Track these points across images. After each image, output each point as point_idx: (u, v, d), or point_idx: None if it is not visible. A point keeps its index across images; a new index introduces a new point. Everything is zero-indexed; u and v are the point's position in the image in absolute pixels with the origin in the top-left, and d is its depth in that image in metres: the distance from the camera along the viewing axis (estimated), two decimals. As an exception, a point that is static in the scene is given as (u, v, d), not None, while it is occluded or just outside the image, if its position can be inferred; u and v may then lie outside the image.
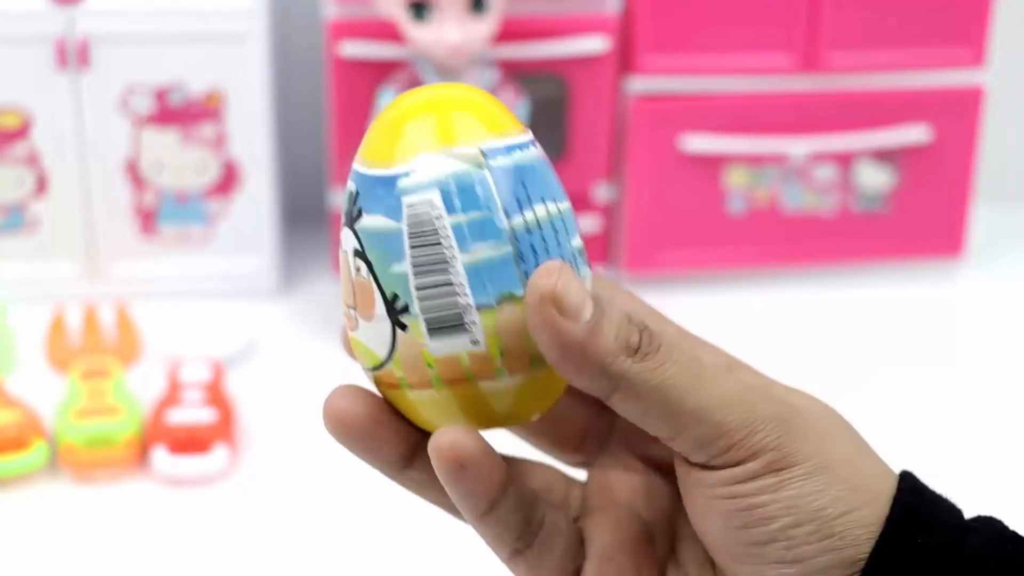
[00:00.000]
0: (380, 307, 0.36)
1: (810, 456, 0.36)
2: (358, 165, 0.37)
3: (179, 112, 1.00)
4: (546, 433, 0.43)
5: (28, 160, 1.01)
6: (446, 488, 0.37)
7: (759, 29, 1.02)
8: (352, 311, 0.37)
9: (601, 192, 1.06)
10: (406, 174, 0.36)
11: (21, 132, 1.00)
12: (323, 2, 1.00)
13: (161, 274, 1.05)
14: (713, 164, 1.05)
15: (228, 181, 1.03)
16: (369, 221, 0.36)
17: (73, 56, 0.98)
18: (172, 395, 0.86)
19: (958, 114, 1.06)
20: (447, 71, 0.94)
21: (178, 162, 1.02)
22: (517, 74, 0.98)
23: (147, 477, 0.83)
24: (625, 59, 1.02)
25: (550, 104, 1.03)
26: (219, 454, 0.83)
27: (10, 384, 0.87)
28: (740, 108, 1.04)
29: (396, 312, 0.36)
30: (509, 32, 0.98)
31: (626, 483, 0.41)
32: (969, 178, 1.09)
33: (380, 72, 0.97)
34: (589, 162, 1.05)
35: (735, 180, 1.06)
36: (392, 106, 0.38)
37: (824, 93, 1.04)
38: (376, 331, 0.37)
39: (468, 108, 0.37)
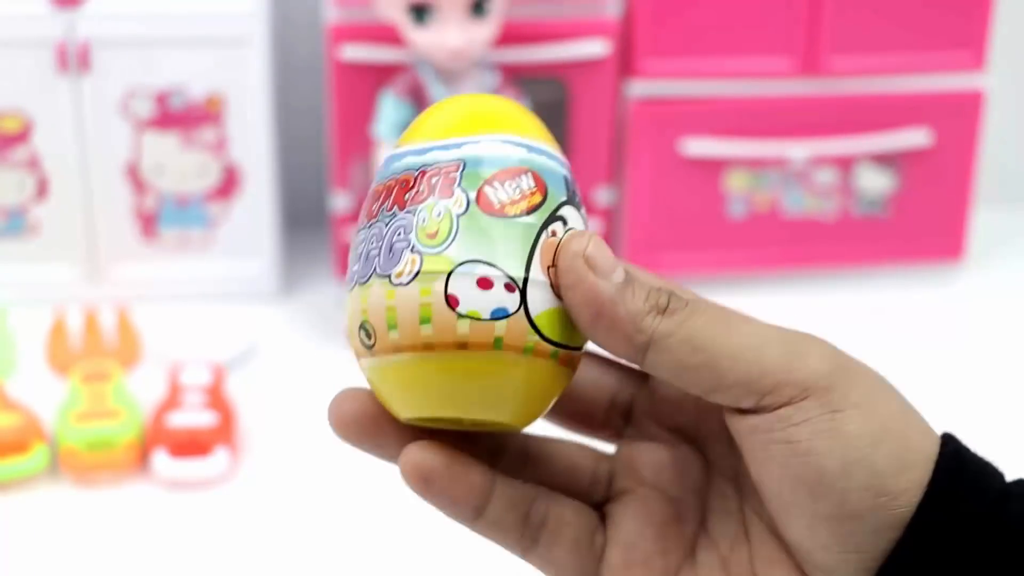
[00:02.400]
0: None
1: (862, 402, 0.35)
2: (560, 156, 0.39)
3: (180, 116, 1.01)
4: (571, 412, 0.42)
5: (29, 164, 1.01)
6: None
7: (759, 33, 1.02)
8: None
9: (601, 196, 1.06)
10: None
11: (22, 136, 1.00)
12: (323, 5, 1.00)
13: (162, 277, 1.05)
14: (713, 168, 1.05)
15: (229, 184, 1.03)
16: (585, 214, 0.40)
17: (74, 60, 0.98)
18: (173, 398, 0.86)
19: (958, 117, 1.06)
20: (448, 74, 0.94)
21: (179, 166, 1.02)
22: (518, 77, 0.98)
23: (148, 480, 0.83)
24: (625, 63, 1.02)
25: (550, 108, 1.03)
26: (219, 457, 0.83)
27: (11, 387, 0.87)
28: (740, 112, 1.04)
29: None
30: (510, 35, 0.98)
31: (653, 459, 0.41)
32: (969, 181, 1.09)
33: (380, 75, 0.97)
34: (589, 166, 1.05)
35: (735, 184, 1.06)
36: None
37: (824, 97, 1.04)
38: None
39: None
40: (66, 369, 0.92)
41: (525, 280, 0.36)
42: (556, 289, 0.37)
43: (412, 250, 0.37)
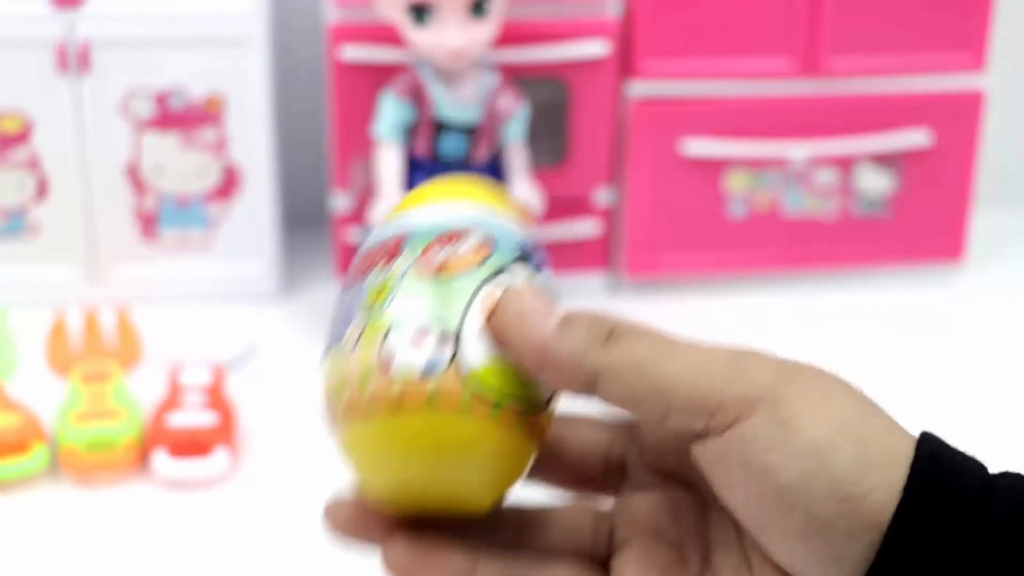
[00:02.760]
0: None
1: (812, 408, 0.35)
2: (519, 228, 0.40)
3: (180, 116, 1.01)
4: (568, 474, 0.42)
5: (29, 164, 1.01)
6: None
7: (760, 33, 1.02)
8: None
9: (601, 196, 1.06)
10: None
11: (22, 136, 1.00)
12: (323, 6, 1.00)
13: (162, 278, 1.05)
14: (713, 168, 1.05)
15: (229, 185, 1.03)
16: (546, 278, 0.40)
17: (74, 60, 0.98)
18: (173, 398, 0.86)
19: (959, 118, 1.06)
20: (448, 75, 0.94)
21: (179, 166, 1.02)
22: (517, 78, 0.98)
23: (148, 480, 0.83)
24: (626, 63, 1.02)
25: (550, 108, 1.03)
26: (220, 457, 0.83)
27: (11, 388, 0.87)
28: (741, 112, 1.04)
29: None
30: (510, 36, 0.98)
31: (649, 506, 0.41)
32: (970, 182, 1.09)
33: (381, 76, 0.97)
34: (589, 166, 1.05)
35: (735, 184, 1.06)
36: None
37: (825, 97, 1.04)
38: None
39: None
40: (66, 369, 0.92)
41: (458, 334, 0.36)
42: (493, 339, 0.37)
43: (358, 316, 0.38)
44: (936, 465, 0.35)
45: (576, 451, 0.42)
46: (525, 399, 0.37)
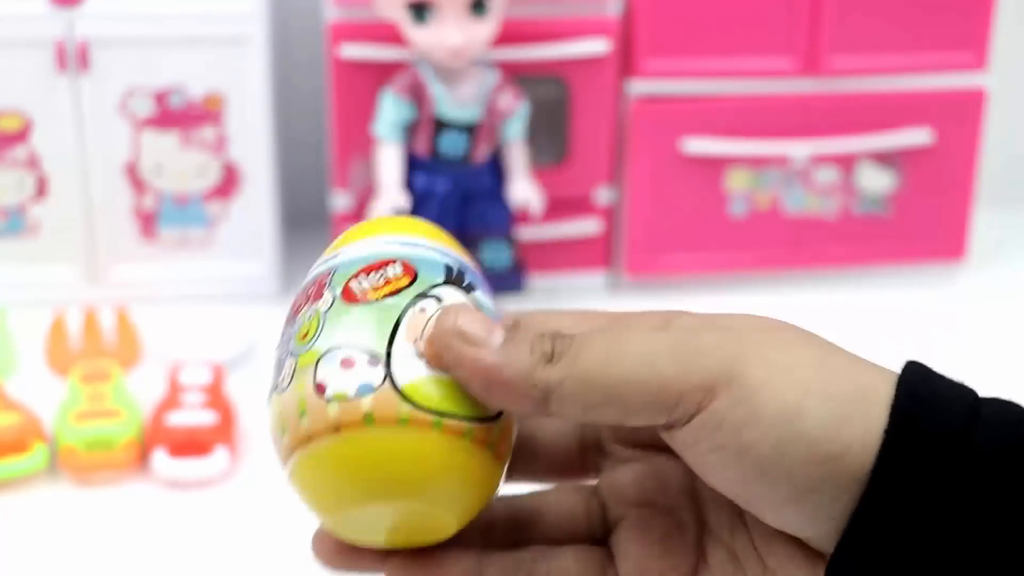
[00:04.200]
0: None
1: (771, 379, 0.34)
2: (453, 252, 0.40)
3: (179, 115, 1.00)
4: (549, 468, 0.42)
5: (28, 163, 1.01)
6: None
7: (760, 32, 1.02)
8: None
9: (602, 195, 1.05)
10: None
11: (21, 135, 1.00)
12: (323, 4, 1.00)
13: (161, 277, 1.05)
14: (714, 167, 1.05)
15: (228, 184, 1.03)
16: (481, 297, 0.40)
17: (73, 59, 0.98)
18: (172, 398, 0.86)
19: (960, 117, 1.06)
20: (448, 73, 0.94)
21: (178, 165, 1.02)
22: (517, 76, 0.98)
23: (147, 480, 0.83)
24: (626, 61, 1.02)
25: (551, 106, 1.02)
26: (219, 457, 0.82)
27: (10, 387, 0.87)
28: (741, 111, 1.04)
29: None
30: (510, 34, 0.97)
31: (635, 477, 0.41)
32: (971, 181, 1.08)
33: (381, 74, 0.97)
34: (590, 165, 1.04)
35: (736, 183, 1.06)
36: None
37: (825, 96, 1.04)
38: None
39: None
40: (65, 369, 0.92)
41: (388, 353, 0.36)
42: (431, 360, 0.36)
43: (291, 355, 0.38)
44: (916, 405, 0.34)
45: (550, 442, 0.42)
46: (469, 409, 0.37)
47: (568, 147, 1.04)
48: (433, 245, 0.40)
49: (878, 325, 1.04)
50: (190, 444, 0.83)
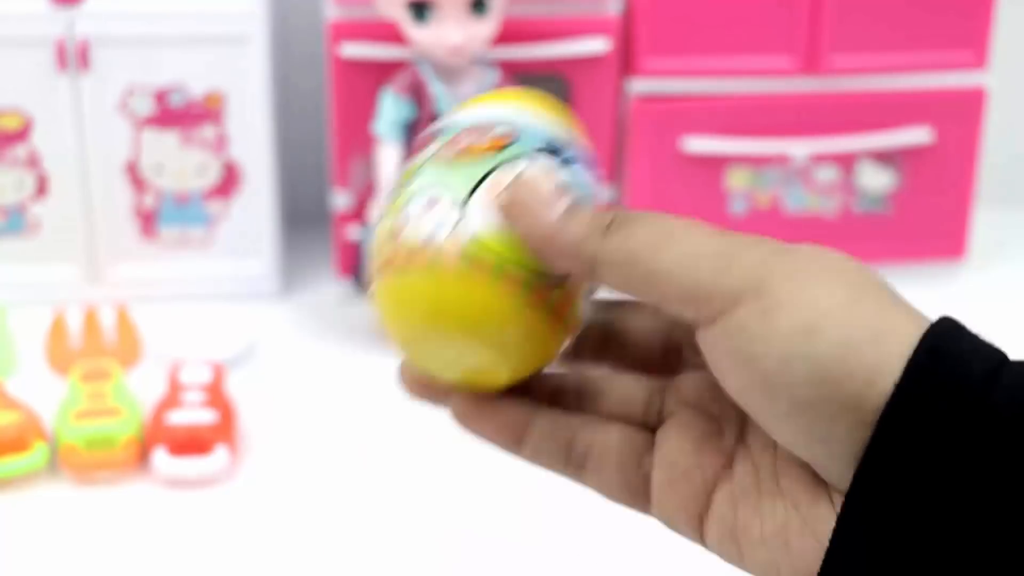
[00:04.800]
0: None
1: (794, 297, 0.35)
2: (561, 131, 0.42)
3: (179, 114, 1.00)
4: (630, 359, 0.44)
5: (28, 162, 1.01)
6: None
7: (760, 31, 1.02)
8: None
9: (602, 193, 1.05)
10: None
11: (21, 134, 1.00)
12: (323, 3, 1.00)
13: (161, 276, 1.05)
14: (714, 165, 1.05)
15: (228, 183, 1.03)
16: (575, 171, 0.42)
17: (73, 58, 0.98)
18: (172, 396, 0.86)
19: (960, 116, 1.06)
20: (448, 72, 0.94)
21: (178, 164, 1.02)
22: (518, 75, 0.98)
23: (147, 478, 0.83)
24: (626, 60, 1.02)
25: (551, 106, 1.02)
26: (219, 455, 0.82)
27: (11, 386, 0.87)
28: (741, 109, 1.04)
29: None
30: (510, 33, 0.97)
31: (696, 383, 0.43)
32: (971, 180, 1.08)
33: (381, 73, 0.97)
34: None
35: (736, 181, 1.06)
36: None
37: (825, 95, 1.04)
38: None
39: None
40: (66, 368, 0.92)
41: (468, 199, 0.39)
42: (501, 212, 0.39)
43: (392, 193, 0.41)
44: (936, 357, 0.35)
45: (640, 339, 0.44)
46: (530, 269, 0.39)
47: (568, 146, 1.04)
48: (546, 119, 0.42)
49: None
50: (190, 443, 0.83)
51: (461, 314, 0.39)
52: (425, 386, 0.43)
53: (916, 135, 1.06)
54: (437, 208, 0.39)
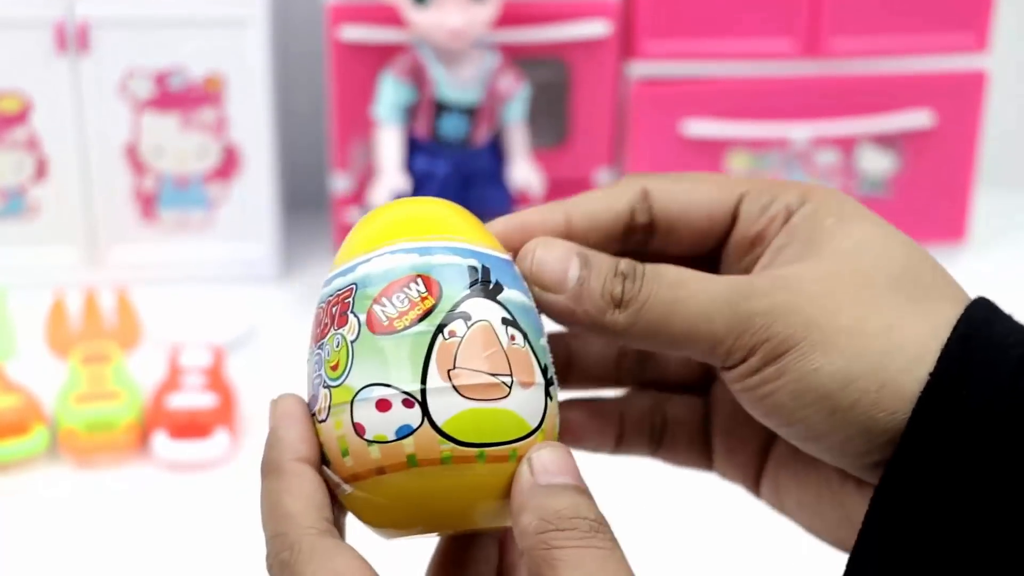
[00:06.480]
0: (538, 376, 0.38)
1: (805, 333, 0.37)
2: (473, 245, 0.39)
3: (179, 96, 1.00)
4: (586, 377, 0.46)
5: (28, 145, 1.00)
6: None
7: (761, 14, 1.02)
8: (506, 379, 0.37)
9: (602, 177, 1.05)
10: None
11: (21, 117, 1.00)
12: (323, -14, 1.00)
13: (161, 259, 1.05)
14: (715, 149, 1.05)
15: (228, 166, 1.03)
16: (511, 295, 0.38)
17: (73, 40, 0.97)
18: (172, 380, 0.86)
19: (961, 99, 1.06)
20: (448, 55, 0.94)
21: (178, 147, 1.02)
22: (518, 58, 0.98)
23: (147, 462, 0.83)
24: (627, 43, 1.02)
25: (551, 89, 1.02)
26: (220, 439, 0.83)
27: (10, 369, 0.87)
28: (742, 93, 1.03)
29: (548, 383, 0.38)
30: (510, 16, 0.97)
31: None
32: (972, 163, 1.08)
33: (381, 56, 0.97)
34: (590, 147, 1.04)
35: (737, 164, 1.06)
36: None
37: (826, 78, 1.04)
38: (532, 399, 0.38)
39: None
40: (66, 351, 0.92)
41: (423, 392, 0.36)
42: (461, 392, 0.36)
43: (324, 386, 0.38)
44: (964, 354, 0.36)
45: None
46: (510, 433, 0.37)
47: (568, 129, 1.04)
48: (450, 243, 0.38)
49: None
50: (190, 426, 0.83)
51: (452, 507, 0.37)
52: None
53: (917, 118, 1.05)
54: (393, 408, 0.36)
